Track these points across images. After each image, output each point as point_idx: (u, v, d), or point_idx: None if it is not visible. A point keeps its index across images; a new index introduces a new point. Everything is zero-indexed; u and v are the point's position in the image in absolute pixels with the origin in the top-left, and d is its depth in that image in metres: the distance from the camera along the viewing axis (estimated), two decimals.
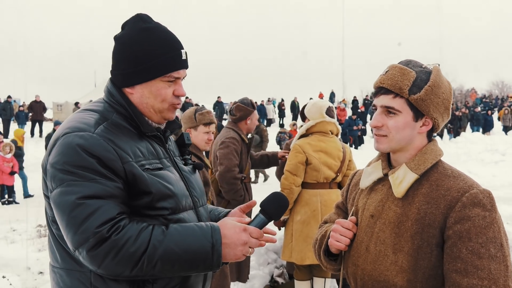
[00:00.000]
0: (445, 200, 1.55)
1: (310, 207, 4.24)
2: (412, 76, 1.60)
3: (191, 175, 1.82)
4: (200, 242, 1.54)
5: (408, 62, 1.66)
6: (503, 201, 8.74)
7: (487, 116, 25.91)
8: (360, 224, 1.73)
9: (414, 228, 1.57)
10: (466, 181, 1.58)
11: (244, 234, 1.60)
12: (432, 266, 1.54)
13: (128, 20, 1.71)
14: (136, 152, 1.61)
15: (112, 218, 1.48)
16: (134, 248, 1.47)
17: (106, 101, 1.70)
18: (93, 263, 1.47)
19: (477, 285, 1.45)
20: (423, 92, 1.59)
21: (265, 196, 1.70)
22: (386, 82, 1.62)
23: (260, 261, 5.21)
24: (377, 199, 1.70)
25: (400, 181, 1.63)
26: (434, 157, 1.64)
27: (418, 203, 1.59)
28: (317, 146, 4.31)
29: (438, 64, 1.68)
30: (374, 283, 1.63)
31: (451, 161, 16.15)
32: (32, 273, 5.98)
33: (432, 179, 1.62)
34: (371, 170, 1.76)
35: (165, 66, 1.65)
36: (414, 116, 1.62)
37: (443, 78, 1.65)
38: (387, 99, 1.62)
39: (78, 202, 1.47)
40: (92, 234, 1.45)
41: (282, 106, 30.47)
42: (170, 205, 1.62)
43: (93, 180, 1.50)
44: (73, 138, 1.53)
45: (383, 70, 1.68)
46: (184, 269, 1.54)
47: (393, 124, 1.62)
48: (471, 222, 1.50)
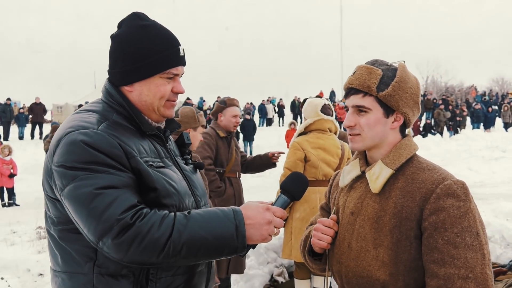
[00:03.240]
0: (420, 192, 1.59)
1: (310, 204, 4.25)
2: (378, 74, 1.65)
3: (192, 174, 1.81)
4: (224, 223, 1.51)
5: (374, 61, 1.72)
6: (503, 198, 8.73)
7: (488, 113, 25.91)
8: (341, 222, 1.76)
9: (392, 222, 1.60)
10: (440, 173, 1.62)
11: (268, 213, 1.57)
12: (413, 259, 1.57)
13: (124, 18, 1.71)
14: (140, 149, 1.60)
15: (134, 205, 1.47)
16: (159, 233, 1.45)
17: (105, 102, 1.69)
18: (119, 252, 1.44)
19: (454, 274, 1.49)
20: (391, 88, 1.64)
21: (266, 195, 1.70)
22: (354, 82, 1.68)
23: (259, 260, 5.21)
24: (356, 196, 1.73)
25: (377, 177, 1.67)
26: (409, 151, 1.68)
27: (394, 198, 1.63)
28: (316, 143, 4.33)
29: (403, 61, 1.74)
30: (358, 279, 1.66)
31: (451, 158, 16.27)
32: (32, 275, 5.97)
33: (408, 173, 1.65)
34: (349, 168, 1.80)
35: (163, 63, 1.64)
36: (384, 112, 1.67)
37: (410, 73, 1.70)
38: (357, 99, 1.67)
39: (96, 192, 1.45)
40: (116, 222, 1.43)
41: (281, 104, 30.47)
42: (175, 203, 1.61)
43: (106, 172, 1.48)
44: (78, 136, 1.52)
45: (351, 71, 1.73)
46: (209, 252, 1.51)
47: (364, 122, 1.67)
48: (445, 213, 1.53)
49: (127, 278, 1.56)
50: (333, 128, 4.45)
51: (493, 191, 10.49)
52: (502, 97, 35.60)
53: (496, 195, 9.45)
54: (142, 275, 1.57)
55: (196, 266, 1.68)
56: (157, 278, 1.58)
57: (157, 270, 1.58)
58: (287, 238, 4.35)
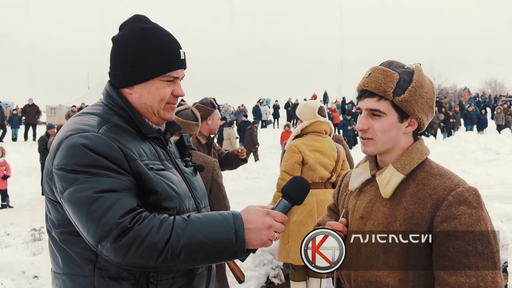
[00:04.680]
0: (432, 199, 1.56)
1: (307, 207, 4.24)
2: (395, 77, 1.61)
3: (192, 176, 1.81)
4: (223, 228, 1.51)
5: (390, 63, 1.67)
6: (497, 200, 8.80)
7: (481, 115, 26.05)
8: (350, 225, 1.74)
9: (402, 228, 1.58)
10: (452, 180, 1.59)
11: (268, 218, 1.57)
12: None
13: (126, 21, 1.71)
14: (140, 152, 1.60)
15: (133, 209, 1.47)
16: (157, 237, 1.45)
17: (106, 104, 1.69)
18: (118, 255, 1.45)
19: (465, 282, 1.47)
20: (407, 93, 1.60)
21: (262, 197, 1.70)
22: (369, 85, 1.63)
23: (255, 262, 5.21)
24: (366, 200, 1.71)
25: (387, 182, 1.64)
26: (420, 156, 1.65)
27: (405, 203, 1.60)
28: (313, 146, 4.32)
29: (419, 63, 1.69)
30: (367, 284, 1.64)
31: (445, 160, 16.32)
32: (26, 277, 5.93)
33: (419, 178, 1.63)
34: (359, 171, 1.77)
35: (164, 66, 1.65)
36: (399, 117, 1.63)
37: (425, 77, 1.67)
38: (371, 102, 1.63)
39: (95, 196, 1.46)
40: (115, 225, 1.43)
41: (276, 105, 30.46)
42: (175, 205, 1.61)
43: (106, 176, 1.49)
44: (78, 139, 1.52)
45: (366, 72, 1.68)
46: (208, 256, 1.51)
47: (379, 127, 1.63)
48: (457, 220, 1.51)
49: (128, 281, 1.56)
50: (328, 130, 4.45)
51: (486, 193, 10.51)
52: (495, 99, 35.81)
53: (489, 197, 9.49)
54: (143, 278, 1.57)
55: (196, 268, 1.68)
56: (157, 281, 1.59)
57: (158, 272, 1.58)
58: (284, 241, 4.34)
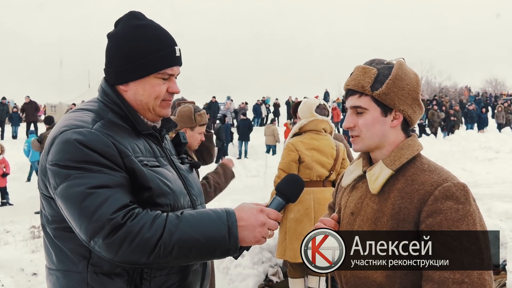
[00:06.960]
0: (419, 194, 1.56)
1: (303, 205, 4.25)
2: (373, 73, 1.64)
3: (188, 174, 1.81)
4: (216, 224, 1.51)
5: (371, 61, 1.71)
6: (497, 198, 8.78)
7: (481, 114, 26.03)
8: (342, 221, 1.75)
9: (389, 223, 1.58)
10: (441, 175, 1.58)
11: (262, 215, 1.57)
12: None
13: (121, 17, 1.70)
14: (134, 148, 1.60)
15: (125, 205, 1.47)
16: (149, 233, 1.45)
17: (101, 101, 1.69)
18: (110, 251, 1.45)
19: (449, 278, 1.46)
20: (385, 86, 1.62)
21: (261, 195, 1.70)
22: (350, 83, 1.68)
23: (254, 260, 5.21)
24: (357, 196, 1.72)
25: (376, 178, 1.65)
26: (411, 152, 1.65)
27: (393, 199, 1.60)
28: (310, 144, 4.32)
29: (402, 58, 1.71)
30: (356, 279, 1.65)
31: (445, 158, 16.33)
32: (25, 275, 5.94)
33: (408, 174, 1.63)
34: (352, 168, 1.79)
35: (159, 63, 1.64)
36: (382, 111, 1.65)
37: (408, 70, 1.67)
38: (354, 99, 1.67)
39: (88, 191, 1.46)
40: (107, 221, 1.43)
41: (277, 103, 30.45)
42: (169, 202, 1.61)
43: (100, 172, 1.49)
44: (72, 135, 1.52)
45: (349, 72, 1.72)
46: (201, 253, 1.51)
47: (362, 122, 1.66)
48: (443, 215, 1.50)
49: (121, 277, 1.56)
50: (328, 129, 4.44)
51: (486, 192, 10.54)
52: (495, 98, 35.77)
53: (489, 196, 9.50)
54: (137, 274, 1.57)
55: (190, 265, 1.68)
56: (151, 277, 1.58)
57: (151, 269, 1.59)
58: (281, 239, 4.35)
